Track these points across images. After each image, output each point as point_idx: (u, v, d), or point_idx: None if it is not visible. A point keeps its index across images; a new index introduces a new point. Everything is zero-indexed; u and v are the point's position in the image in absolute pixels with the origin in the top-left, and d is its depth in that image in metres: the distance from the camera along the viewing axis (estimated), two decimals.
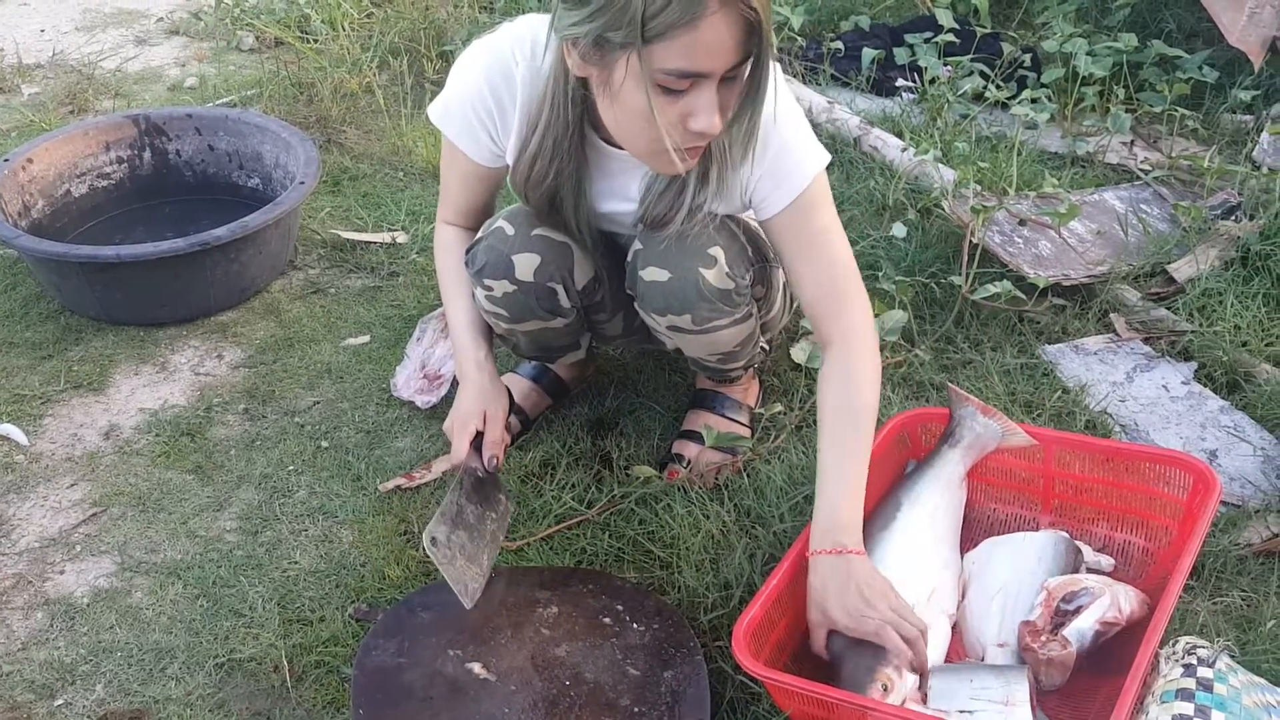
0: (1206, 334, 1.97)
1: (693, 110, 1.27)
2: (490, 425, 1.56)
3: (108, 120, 2.47)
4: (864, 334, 1.49)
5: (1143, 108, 2.65)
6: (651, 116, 1.27)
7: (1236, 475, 1.71)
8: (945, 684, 1.31)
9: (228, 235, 2.09)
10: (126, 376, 2.06)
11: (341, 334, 2.16)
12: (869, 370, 1.47)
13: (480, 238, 1.61)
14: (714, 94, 1.26)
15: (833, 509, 1.39)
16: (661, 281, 1.53)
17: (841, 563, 1.35)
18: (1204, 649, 1.19)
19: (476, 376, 1.60)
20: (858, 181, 2.46)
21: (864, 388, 1.46)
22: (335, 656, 1.49)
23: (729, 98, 1.30)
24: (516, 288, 1.58)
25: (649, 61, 1.23)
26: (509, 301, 1.60)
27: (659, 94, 1.26)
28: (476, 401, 1.57)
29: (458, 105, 1.53)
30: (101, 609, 1.60)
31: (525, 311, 1.62)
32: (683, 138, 1.31)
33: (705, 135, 1.30)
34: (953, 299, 2.06)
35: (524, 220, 1.58)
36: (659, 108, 1.27)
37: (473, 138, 1.55)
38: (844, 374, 1.47)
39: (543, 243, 1.57)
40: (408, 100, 2.91)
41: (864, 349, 1.48)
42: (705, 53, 1.22)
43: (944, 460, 1.58)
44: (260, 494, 1.79)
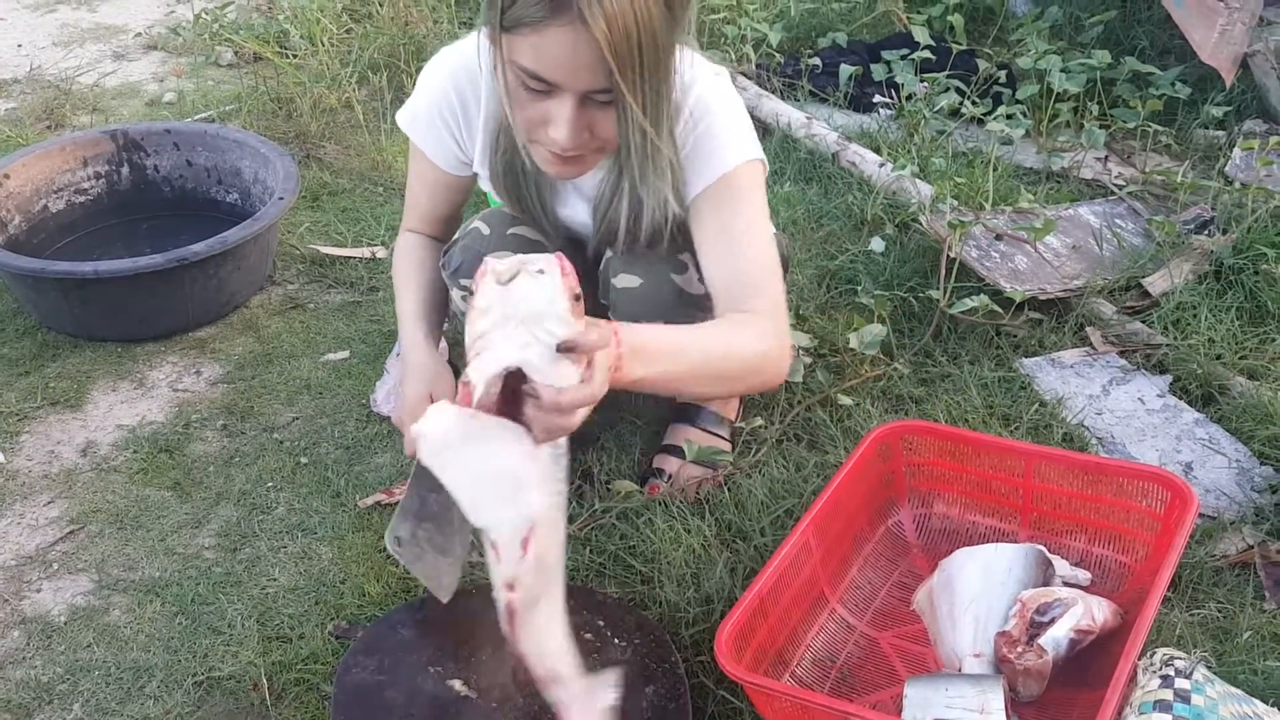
0: (1181, 347, 1.99)
1: (549, 118, 1.27)
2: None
3: (85, 136, 2.46)
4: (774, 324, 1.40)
5: (1116, 123, 2.68)
6: (515, 106, 1.28)
7: (1212, 487, 1.72)
8: (920, 693, 1.31)
9: (206, 251, 2.08)
10: (104, 393, 2.05)
11: (321, 349, 2.15)
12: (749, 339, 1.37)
13: (457, 239, 1.63)
14: (569, 108, 1.25)
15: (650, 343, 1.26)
16: (633, 288, 1.54)
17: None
18: (1181, 660, 1.20)
19: (417, 359, 1.58)
20: (836, 196, 2.47)
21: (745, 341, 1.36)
22: (315, 674, 1.48)
23: (598, 119, 1.28)
24: None
25: (507, 49, 1.24)
26: None
27: (519, 87, 1.26)
28: (420, 384, 1.55)
29: (424, 110, 1.55)
30: (79, 627, 1.58)
31: None
32: (544, 141, 1.31)
33: (557, 145, 1.29)
34: (931, 313, 2.08)
35: (500, 221, 1.59)
36: (520, 101, 1.27)
37: (439, 142, 1.56)
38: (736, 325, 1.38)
39: (518, 242, 1.58)
40: (387, 116, 2.91)
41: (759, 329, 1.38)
42: (553, 63, 1.21)
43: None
44: (239, 511, 1.78)
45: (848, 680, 1.45)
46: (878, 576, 1.61)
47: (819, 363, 2.01)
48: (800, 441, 1.85)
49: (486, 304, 1.00)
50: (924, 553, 1.64)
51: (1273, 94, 2.77)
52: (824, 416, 1.88)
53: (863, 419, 1.87)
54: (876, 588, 1.59)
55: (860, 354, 2.00)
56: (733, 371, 1.38)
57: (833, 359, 2.03)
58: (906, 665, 1.48)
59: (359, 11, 3.46)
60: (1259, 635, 1.44)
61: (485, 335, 1.00)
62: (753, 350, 1.38)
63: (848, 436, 1.83)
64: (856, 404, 1.91)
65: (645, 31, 1.19)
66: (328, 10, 3.37)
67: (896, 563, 1.63)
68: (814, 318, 2.12)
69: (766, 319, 1.41)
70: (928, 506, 1.68)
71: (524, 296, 1.01)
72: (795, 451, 1.82)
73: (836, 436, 1.84)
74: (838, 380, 1.97)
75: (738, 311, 1.42)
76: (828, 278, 2.24)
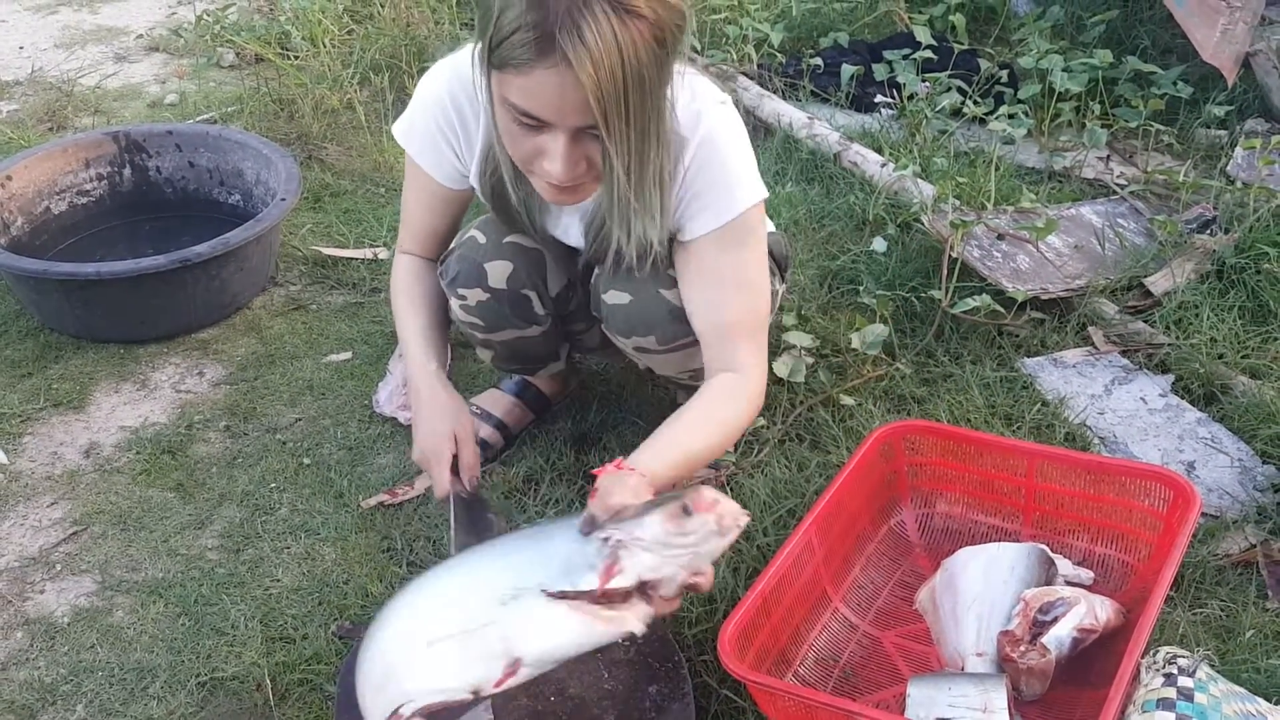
0: (1183, 347, 1.99)
1: (543, 150, 1.26)
2: (462, 447, 1.51)
3: (87, 137, 2.47)
4: (754, 380, 1.46)
5: (1118, 123, 2.68)
6: (509, 139, 1.28)
7: (1214, 486, 1.72)
8: (923, 692, 1.31)
9: (209, 252, 2.08)
10: (107, 394, 2.05)
11: (323, 350, 2.15)
12: (742, 409, 1.44)
13: (453, 248, 1.62)
14: (562, 143, 1.24)
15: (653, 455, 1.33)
16: (624, 304, 1.54)
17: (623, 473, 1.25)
18: (1184, 658, 1.20)
19: (433, 395, 1.54)
20: (838, 197, 2.48)
21: (737, 414, 1.43)
22: (318, 674, 1.48)
23: (594, 150, 1.27)
24: (490, 295, 1.59)
25: (498, 87, 1.23)
26: (483, 310, 1.61)
27: (512, 122, 1.25)
28: (442, 423, 1.51)
29: (422, 122, 1.53)
30: (82, 628, 1.58)
31: (500, 319, 1.62)
32: (540, 173, 1.30)
33: (551, 178, 1.28)
34: (933, 313, 2.08)
35: (496, 229, 1.59)
36: (515, 135, 1.27)
37: (436, 154, 1.54)
38: (728, 396, 1.43)
39: (515, 250, 1.58)
40: (389, 117, 2.91)
41: (747, 392, 1.45)
42: (541, 102, 1.21)
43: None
44: (242, 511, 1.78)
45: (850, 679, 1.46)
46: (880, 576, 1.61)
47: (821, 363, 2.01)
48: (802, 442, 1.85)
49: (674, 529, 1.13)
50: (926, 552, 1.64)
51: (1274, 93, 2.76)
52: (826, 417, 1.88)
53: (865, 419, 1.87)
54: (879, 587, 1.60)
55: (862, 354, 2.00)
56: (729, 443, 1.46)
57: (835, 359, 2.03)
58: (909, 664, 1.48)
59: (360, 13, 3.46)
60: (1261, 634, 1.44)
61: (650, 544, 1.13)
62: (744, 417, 1.45)
63: (850, 436, 1.83)
64: (858, 404, 1.91)
65: (632, 73, 1.18)
66: (329, 11, 3.37)
67: (899, 562, 1.63)
68: (816, 318, 2.12)
69: (748, 367, 1.46)
70: (930, 506, 1.68)
71: (695, 532, 1.13)
72: (797, 452, 1.82)
73: (839, 436, 1.84)
74: (840, 380, 1.97)
75: (723, 365, 1.46)
76: (830, 278, 2.24)
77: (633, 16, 1.16)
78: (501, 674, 1.13)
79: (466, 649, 1.15)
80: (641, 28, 1.16)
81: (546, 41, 1.15)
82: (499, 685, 1.13)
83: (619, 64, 1.16)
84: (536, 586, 1.16)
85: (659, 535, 1.13)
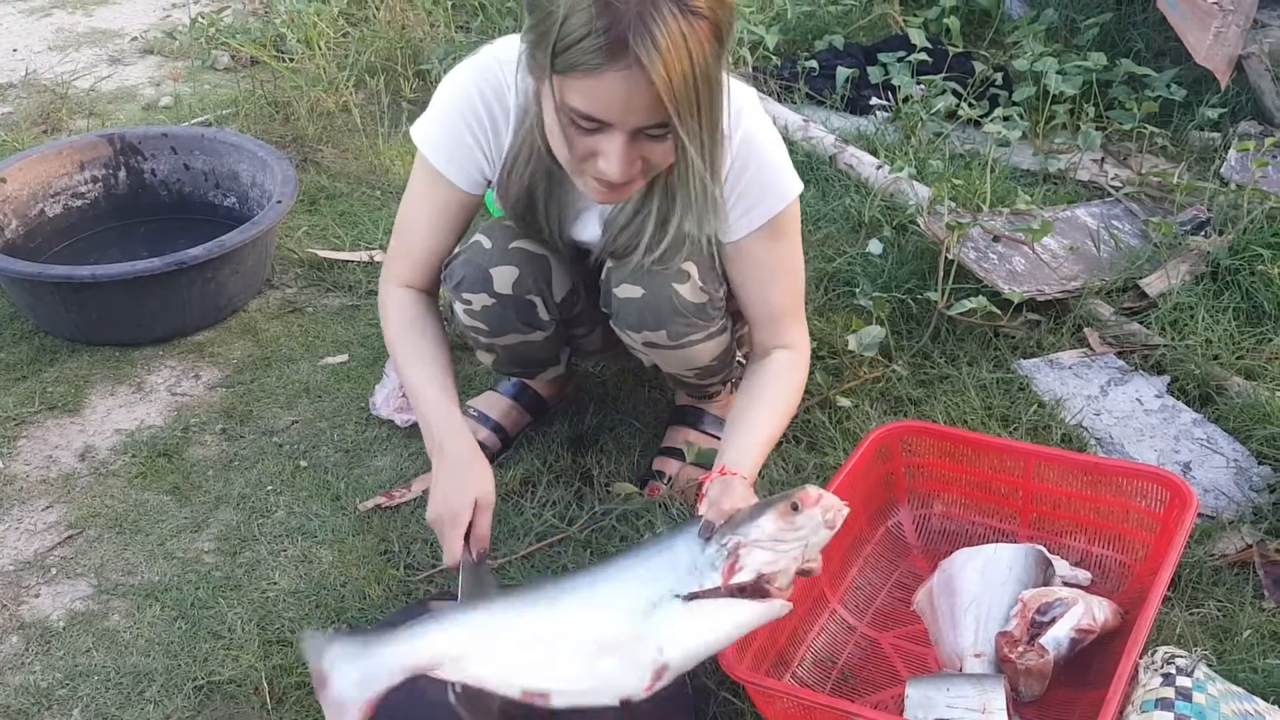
0: (1179, 348, 2.00)
1: (599, 151, 1.27)
2: (480, 516, 1.42)
3: (82, 140, 2.46)
4: (804, 352, 1.59)
5: (1113, 125, 2.69)
6: (563, 141, 1.28)
7: (1210, 487, 1.73)
8: (922, 693, 1.31)
9: (204, 255, 2.08)
10: (102, 397, 2.05)
11: (319, 353, 2.15)
12: (801, 380, 1.57)
13: (458, 253, 1.60)
14: (620, 144, 1.25)
15: (741, 452, 1.42)
16: (635, 298, 1.54)
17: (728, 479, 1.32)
18: (1182, 658, 1.20)
19: (458, 454, 1.45)
20: (834, 199, 2.48)
21: (798, 387, 1.55)
22: None
23: (651, 150, 1.28)
24: (495, 301, 1.59)
25: (559, 91, 1.24)
26: (488, 315, 1.61)
27: (569, 124, 1.26)
28: (467, 488, 1.42)
29: (447, 120, 1.49)
30: (78, 632, 1.58)
31: (504, 324, 1.62)
32: (593, 172, 1.31)
33: (607, 178, 1.29)
34: (929, 314, 2.08)
35: (501, 234, 1.58)
36: (569, 137, 1.27)
37: (463, 154, 1.49)
38: (789, 370, 1.55)
39: (521, 255, 1.58)
40: (384, 119, 2.91)
41: (803, 365, 1.58)
42: (606, 104, 1.21)
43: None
44: (238, 514, 1.77)
45: (849, 681, 1.46)
46: (878, 577, 1.61)
47: (817, 365, 2.01)
48: (799, 443, 1.85)
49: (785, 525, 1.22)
50: (924, 553, 1.64)
51: (1267, 96, 2.77)
52: (823, 418, 1.89)
53: (861, 421, 1.87)
54: (877, 588, 1.60)
55: (859, 356, 2.00)
56: (791, 415, 1.56)
57: (831, 361, 2.03)
58: (907, 666, 1.48)
59: (355, 15, 3.46)
60: (1259, 634, 1.45)
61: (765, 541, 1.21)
62: (800, 388, 1.57)
63: (847, 438, 1.84)
64: (855, 406, 1.91)
65: (700, 71, 1.20)
66: (324, 14, 3.37)
67: (896, 563, 1.64)
68: (812, 320, 2.12)
69: (798, 343, 1.58)
70: (927, 507, 1.69)
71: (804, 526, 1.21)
72: (795, 453, 1.82)
73: (835, 438, 1.84)
74: (836, 382, 1.98)
75: (776, 343, 1.56)
76: (826, 280, 2.24)
77: (697, 17, 1.18)
78: (649, 680, 1.20)
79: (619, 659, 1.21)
80: (704, 26, 1.19)
81: (619, 45, 1.16)
82: (649, 690, 1.20)
83: (689, 63, 1.18)
84: (670, 594, 1.23)
85: (772, 532, 1.21)
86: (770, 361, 1.56)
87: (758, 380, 1.54)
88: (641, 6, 1.16)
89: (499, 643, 1.25)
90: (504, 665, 1.23)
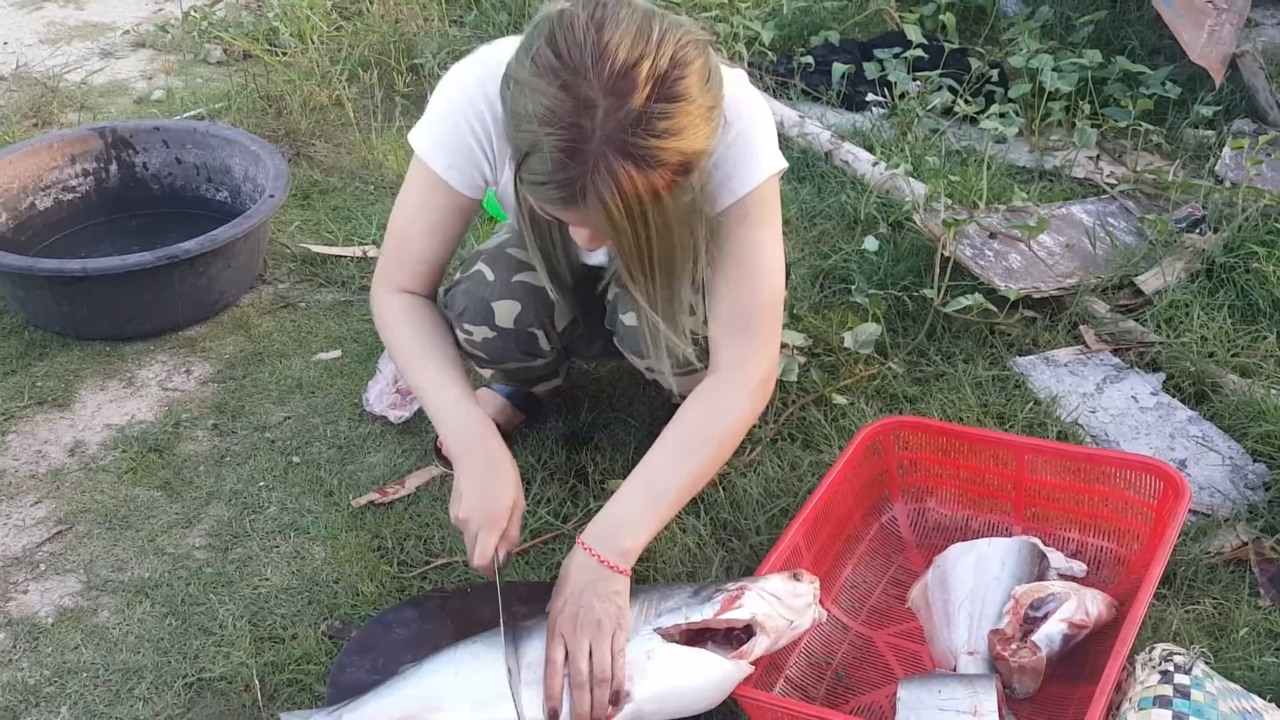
0: (1174, 345, 1.99)
1: (572, 228, 1.29)
2: (513, 521, 1.40)
3: (73, 133, 2.44)
4: (754, 372, 1.40)
5: (1108, 122, 2.69)
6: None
7: (1206, 484, 1.72)
8: (913, 694, 1.30)
9: (196, 249, 2.06)
10: (92, 392, 2.03)
11: (312, 349, 2.14)
12: (740, 409, 1.40)
13: (458, 280, 1.58)
14: (584, 233, 1.27)
15: (627, 518, 1.34)
16: (638, 327, 1.50)
17: (598, 571, 1.32)
18: (1180, 655, 1.19)
19: (495, 457, 1.41)
20: (829, 196, 2.47)
21: (723, 419, 1.39)
22: (308, 674, 1.47)
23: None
24: (496, 334, 1.57)
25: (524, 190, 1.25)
26: (488, 345, 1.59)
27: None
28: (506, 492, 1.39)
29: (448, 122, 1.41)
30: (66, 629, 1.56)
31: (505, 355, 1.61)
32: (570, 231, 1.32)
33: (579, 241, 1.31)
34: (925, 312, 2.07)
35: (504, 265, 1.56)
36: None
37: (465, 157, 1.42)
38: (713, 399, 1.40)
39: (523, 289, 1.56)
40: (378, 113, 2.89)
41: (746, 387, 1.40)
42: (565, 219, 1.26)
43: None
44: (230, 510, 1.76)
45: (843, 680, 1.45)
46: (872, 574, 1.61)
47: (813, 362, 2.00)
48: (795, 441, 1.84)
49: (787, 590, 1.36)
50: (919, 548, 1.64)
51: (1261, 94, 2.77)
52: (818, 416, 1.88)
53: (857, 418, 1.87)
54: (871, 586, 1.59)
55: (855, 353, 1.99)
56: (729, 448, 1.43)
57: (827, 358, 2.02)
58: (902, 664, 1.47)
59: (349, 9, 3.44)
60: (1254, 631, 1.45)
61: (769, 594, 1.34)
62: (735, 426, 1.41)
63: (842, 435, 1.83)
64: (851, 403, 1.91)
65: (655, 209, 1.18)
66: (317, 7, 3.35)
67: (891, 559, 1.63)
68: (808, 317, 2.12)
69: (746, 374, 1.41)
70: (921, 502, 1.68)
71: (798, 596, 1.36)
72: (790, 451, 1.81)
73: (831, 435, 1.83)
74: (832, 380, 1.97)
75: (726, 360, 1.41)
76: (821, 277, 2.23)
77: (659, 167, 1.15)
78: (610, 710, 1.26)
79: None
80: (665, 172, 1.17)
81: (571, 200, 1.17)
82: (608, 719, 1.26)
83: (643, 208, 1.17)
84: (648, 629, 1.31)
85: (778, 589, 1.33)
86: (706, 390, 1.41)
87: (686, 413, 1.40)
88: (598, 164, 1.13)
89: (465, 687, 1.29)
90: (470, 707, 1.27)
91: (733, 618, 1.30)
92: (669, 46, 1.14)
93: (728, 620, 1.30)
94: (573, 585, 1.32)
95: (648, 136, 1.13)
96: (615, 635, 1.28)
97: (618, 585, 1.32)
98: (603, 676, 1.26)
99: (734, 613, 1.29)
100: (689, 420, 1.40)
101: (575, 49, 1.13)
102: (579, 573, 1.33)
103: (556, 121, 1.13)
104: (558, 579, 1.35)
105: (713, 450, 1.40)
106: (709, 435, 1.39)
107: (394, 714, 1.29)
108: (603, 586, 1.31)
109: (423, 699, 1.29)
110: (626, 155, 1.13)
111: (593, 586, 1.30)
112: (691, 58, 1.16)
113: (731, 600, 1.30)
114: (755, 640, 1.30)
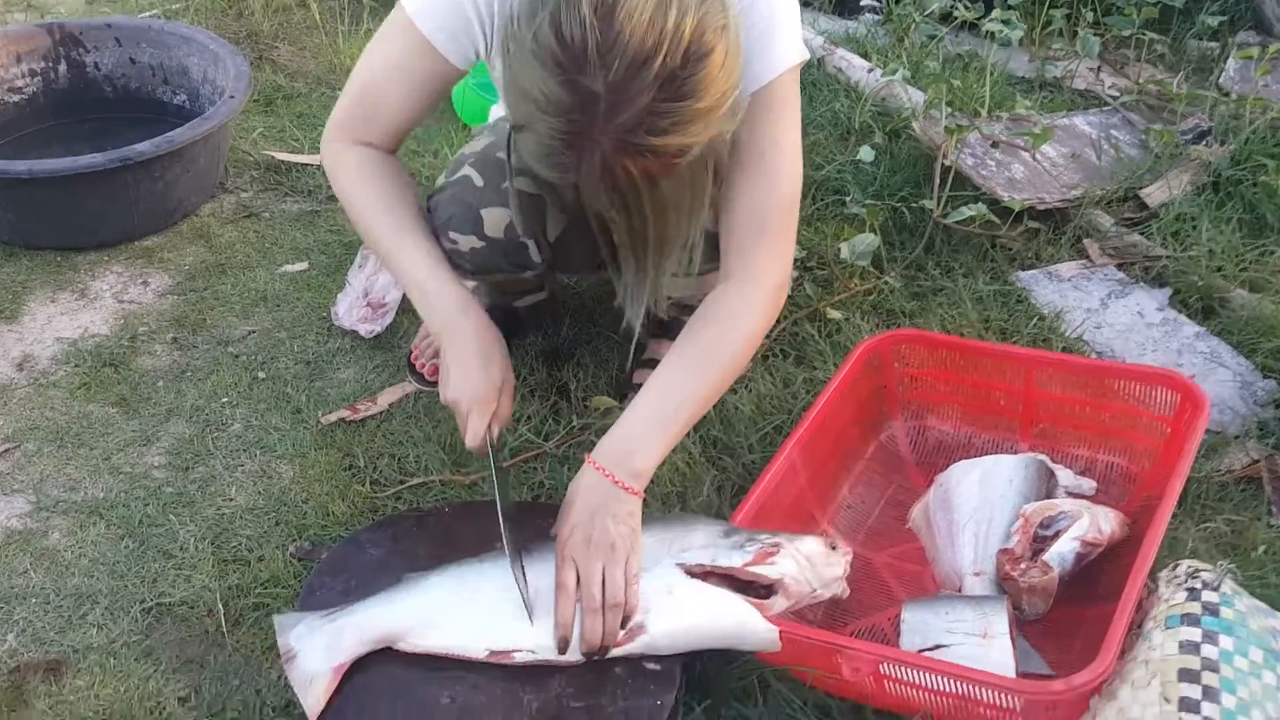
0: (1180, 259, 1.92)
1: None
2: (504, 396, 1.33)
3: (18, 29, 2.30)
4: (769, 278, 1.32)
5: (1111, 31, 2.58)
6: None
7: (1215, 401, 1.65)
8: (919, 617, 1.25)
9: (152, 151, 1.94)
10: (42, 304, 1.92)
11: (277, 260, 2.03)
12: (754, 319, 1.32)
13: (443, 185, 1.47)
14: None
15: (641, 436, 1.27)
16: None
17: (610, 492, 1.24)
18: (1207, 572, 1.13)
19: (480, 332, 1.33)
20: (822, 104, 2.36)
21: (737, 331, 1.31)
22: (275, 598, 1.39)
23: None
24: (485, 244, 1.47)
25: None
26: (475, 256, 1.48)
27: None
28: (495, 370, 1.32)
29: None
30: (14, 551, 1.47)
31: (492, 265, 1.51)
32: None
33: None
34: (923, 224, 1.98)
35: (494, 171, 1.44)
36: None
37: (459, 23, 1.26)
38: (727, 308, 1.32)
39: (516, 195, 1.44)
40: (345, 16, 2.74)
41: (762, 294, 1.32)
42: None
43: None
44: (191, 428, 1.66)
45: (841, 604, 1.38)
46: (870, 495, 1.54)
47: (806, 276, 1.91)
48: (787, 357, 1.76)
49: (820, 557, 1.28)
50: (919, 467, 1.57)
51: (1267, 5, 2.68)
52: (812, 331, 1.80)
53: (852, 334, 1.79)
54: (869, 507, 1.53)
55: (850, 266, 1.90)
56: (744, 360, 1.35)
57: (820, 272, 1.93)
58: (903, 586, 1.41)
59: None
60: (1270, 550, 1.39)
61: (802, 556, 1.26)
62: (748, 338, 1.33)
63: (837, 351, 1.75)
64: (846, 319, 1.82)
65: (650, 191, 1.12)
66: None
67: (890, 479, 1.56)
68: (801, 229, 2.00)
69: (762, 281, 1.32)
70: (922, 419, 1.61)
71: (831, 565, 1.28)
72: (782, 367, 1.73)
73: (825, 351, 1.75)
74: (826, 294, 1.88)
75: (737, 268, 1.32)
76: (814, 188, 2.13)
77: (660, 157, 1.08)
78: (621, 638, 1.19)
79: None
80: (666, 159, 1.09)
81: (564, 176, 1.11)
82: (619, 645, 1.19)
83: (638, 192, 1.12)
84: (670, 561, 1.24)
85: (813, 553, 1.26)
86: (718, 301, 1.33)
87: (697, 326, 1.32)
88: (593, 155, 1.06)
89: (467, 609, 1.23)
90: (470, 630, 1.21)
91: (762, 572, 1.23)
92: (685, 35, 1.03)
93: (756, 574, 1.22)
94: (583, 506, 1.23)
95: (649, 135, 1.05)
96: (630, 559, 1.21)
97: (631, 506, 1.24)
98: (615, 601, 1.19)
99: (765, 568, 1.22)
100: (702, 333, 1.31)
101: (579, 36, 1.02)
102: (589, 493, 1.24)
103: (554, 111, 1.05)
104: (565, 500, 1.27)
105: (727, 364, 1.32)
106: (723, 348, 1.31)
107: (391, 625, 1.22)
108: (616, 507, 1.23)
109: (420, 614, 1.22)
110: (625, 150, 1.06)
111: (605, 507, 1.22)
112: (710, 46, 1.05)
113: (766, 555, 1.23)
114: (774, 600, 1.23)
